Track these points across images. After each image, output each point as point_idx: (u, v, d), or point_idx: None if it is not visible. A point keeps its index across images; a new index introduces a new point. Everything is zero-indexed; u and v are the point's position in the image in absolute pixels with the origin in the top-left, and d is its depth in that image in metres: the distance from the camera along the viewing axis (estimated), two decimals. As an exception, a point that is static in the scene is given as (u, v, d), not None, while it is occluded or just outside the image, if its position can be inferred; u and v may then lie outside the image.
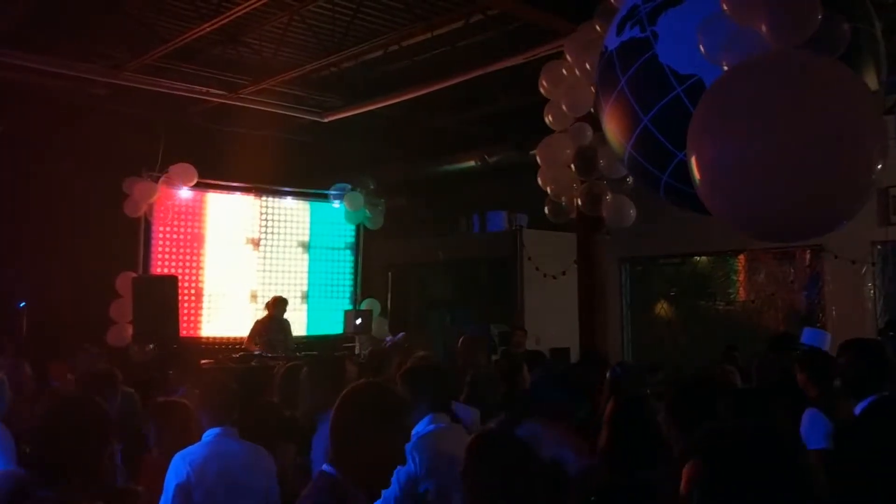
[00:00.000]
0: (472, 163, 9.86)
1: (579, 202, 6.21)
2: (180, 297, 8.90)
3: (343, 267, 11.18)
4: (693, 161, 2.99)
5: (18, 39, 7.24)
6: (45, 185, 8.75)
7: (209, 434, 3.38)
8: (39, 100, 8.52)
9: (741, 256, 9.46)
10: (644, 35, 3.78)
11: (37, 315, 7.75)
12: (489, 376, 4.64)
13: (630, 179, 5.94)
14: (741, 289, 9.59)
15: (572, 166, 6.18)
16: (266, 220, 10.57)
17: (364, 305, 10.71)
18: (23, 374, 4.62)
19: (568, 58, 5.78)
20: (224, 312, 10.04)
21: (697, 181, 2.99)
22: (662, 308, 10.33)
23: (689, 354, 9.25)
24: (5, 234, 8.42)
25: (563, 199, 6.45)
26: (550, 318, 9.16)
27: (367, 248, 11.32)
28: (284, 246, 10.69)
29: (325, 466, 2.20)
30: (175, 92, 8.37)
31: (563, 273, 8.81)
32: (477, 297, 10.54)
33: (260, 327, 8.72)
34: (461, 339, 6.72)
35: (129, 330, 8.77)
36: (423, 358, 4.95)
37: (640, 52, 3.81)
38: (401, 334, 8.55)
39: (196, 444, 3.35)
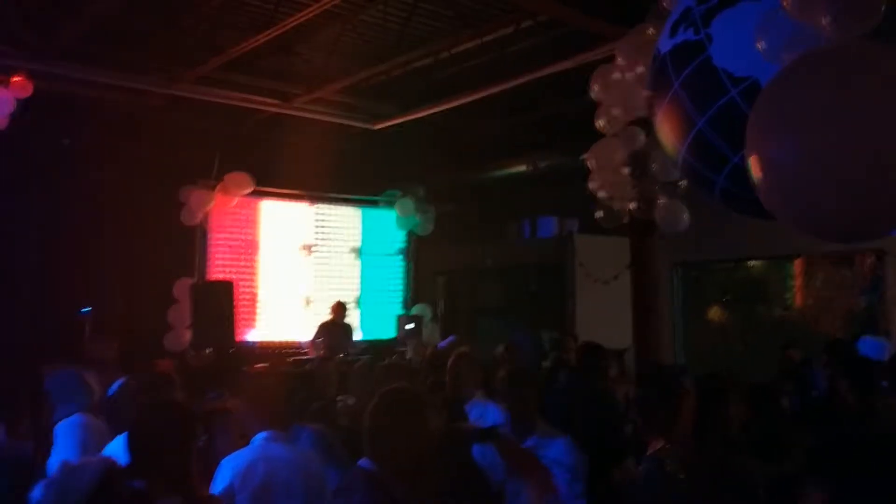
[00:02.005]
0: (522, 168, 9.86)
1: (632, 207, 6.17)
2: (235, 303, 9.08)
3: (394, 272, 11.28)
4: (752, 162, 2.95)
5: (81, 54, 7.49)
6: (106, 195, 9.01)
7: (256, 439, 3.44)
8: (100, 112, 8.78)
9: (798, 261, 9.27)
10: (698, 37, 3.74)
11: (99, 320, 7.97)
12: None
13: (683, 183, 5.88)
14: (798, 294, 9.40)
15: (624, 170, 6.14)
16: (319, 226, 10.72)
17: (415, 311, 10.78)
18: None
19: (619, 61, 5.74)
20: (278, 318, 10.20)
21: (756, 182, 2.95)
22: (716, 314, 10.18)
23: (745, 361, 9.09)
24: (70, 242, 8.70)
25: (615, 203, 6.41)
26: (602, 323, 9.08)
27: (418, 253, 11.40)
28: (337, 252, 10.83)
29: (360, 462, 2.43)
30: (230, 102, 8.55)
31: (615, 278, 8.74)
32: (527, 304, 10.53)
33: (323, 331, 8.90)
34: (503, 347, 6.75)
35: (187, 335, 8.98)
36: (465, 353, 4.96)
37: (694, 55, 3.78)
38: (451, 338, 8.59)
39: (243, 449, 3.40)
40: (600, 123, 6.34)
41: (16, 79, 7.36)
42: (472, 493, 2.51)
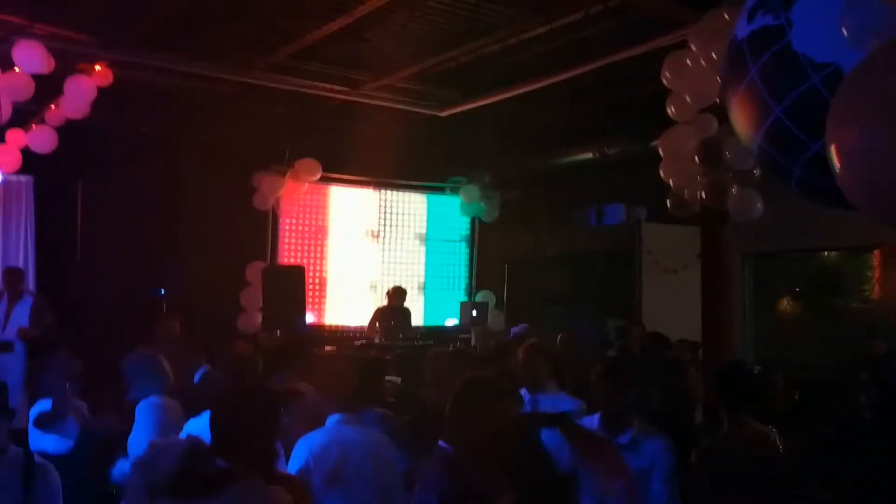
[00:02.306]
0: (589, 155, 9.76)
1: (703, 195, 6.07)
2: (305, 287, 9.26)
3: (458, 259, 11.33)
4: (833, 151, 2.88)
5: (158, 43, 7.70)
6: (181, 181, 9.30)
7: (330, 420, 3.52)
8: (175, 100, 9.03)
9: (876, 252, 8.97)
10: (777, 23, 3.65)
11: (174, 303, 8.25)
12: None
13: (757, 171, 5.76)
14: (876, 286, 9.10)
15: (696, 158, 6.04)
16: (385, 212, 10.84)
17: (479, 297, 10.82)
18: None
19: (692, 47, 5.65)
20: (345, 302, 10.37)
21: (838, 172, 2.87)
22: (787, 306, 9.93)
23: (819, 354, 8.86)
24: (148, 226, 9.02)
25: (687, 192, 6.32)
26: (669, 313, 8.97)
27: (482, 240, 11.42)
28: (402, 238, 10.93)
29: (440, 443, 2.53)
30: (300, 89, 8.69)
31: (685, 267, 8.61)
32: (593, 292, 10.45)
33: (379, 315, 9.00)
34: (560, 336, 6.72)
35: (258, 317, 9.21)
36: (535, 343, 4.95)
37: (773, 41, 3.68)
38: (523, 325, 8.59)
39: (317, 430, 3.48)
40: (671, 110, 6.25)
41: (97, 68, 7.62)
42: (540, 478, 2.53)
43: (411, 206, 11.05)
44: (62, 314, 8.69)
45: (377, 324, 9.01)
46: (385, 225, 10.85)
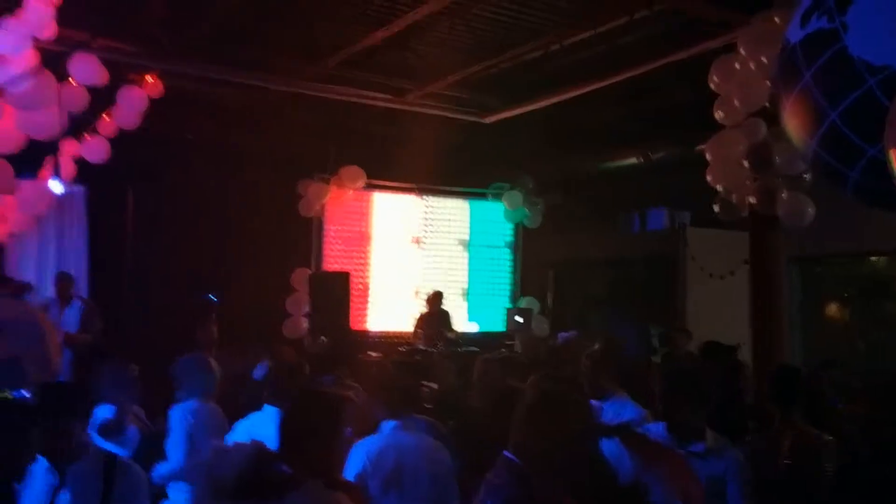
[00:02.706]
0: (633, 160, 9.71)
1: (752, 200, 6.02)
2: (350, 293, 9.35)
3: (502, 265, 11.33)
4: (892, 154, 2.85)
5: (206, 53, 7.85)
6: (229, 189, 9.45)
7: (386, 426, 3.55)
8: (223, 108, 9.19)
9: (929, 256, 8.78)
10: (832, 26, 3.61)
11: (225, 308, 8.39)
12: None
13: (808, 176, 5.69)
14: (930, 291, 8.91)
15: (745, 163, 5.99)
16: (428, 218, 10.89)
17: (523, 303, 10.80)
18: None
19: (741, 51, 5.61)
20: (389, 308, 10.44)
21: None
22: (836, 310, 9.76)
23: (870, 360, 8.70)
24: (198, 233, 9.19)
25: (735, 196, 6.27)
26: (715, 319, 8.87)
27: (526, 246, 11.40)
28: (445, 244, 10.97)
29: (505, 453, 2.47)
30: (346, 98, 8.79)
31: (732, 273, 8.51)
32: (637, 297, 10.38)
33: (422, 321, 9.07)
34: (601, 341, 6.65)
35: (304, 322, 9.32)
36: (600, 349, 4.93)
37: (828, 44, 3.64)
38: (572, 332, 8.56)
39: (374, 435, 3.52)
40: (719, 115, 6.21)
41: (149, 79, 7.80)
42: (602, 489, 2.53)
43: (454, 213, 11.08)
44: (115, 320, 8.92)
45: (420, 330, 9.10)
46: (428, 231, 10.90)
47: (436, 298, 9.32)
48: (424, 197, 10.87)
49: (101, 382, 4.14)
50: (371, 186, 10.31)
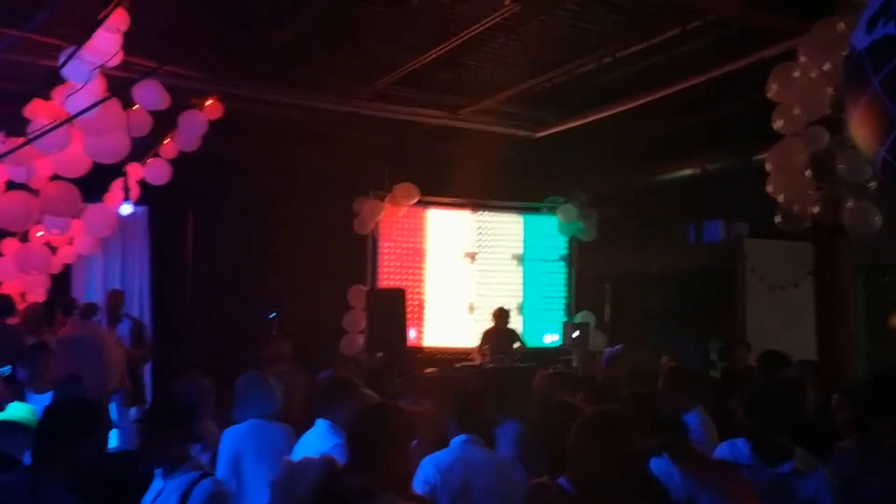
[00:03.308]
0: (689, 171, 9.60)
1: (815, 210, 5.90)
2: (406, 309, 9.41)
3: (557, 279, 11.27)
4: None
5: (263, 76, 8.02)
6: (285, 208, 9.62)
7: (456, 441, 3.57)
8: (279, 129, 9.36)
9: None
10: (901, 32, 3.54)
11: (284, 325, 8.52)
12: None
13: (873, 184, 5.56)
14: None
15: (807, 172, 5.88)
16: (482, 233, 10.91)
17: (579, 318, 10.73)
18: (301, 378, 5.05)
19: (801, 59, 5.52)
20: (444, 323, 10.47)
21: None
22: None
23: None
24: (257, 251, 9.38)
25: (797, 206, 6.15)
26: (776, 331, 8.69)
27: (580, 259, 11.34)
28: (499, 259, 10.97)
29: (560, 480, 2.46)
30: (400, 116, 8.88)
31: (796, 284, 8.34)
32: (694, 310, 10.23)
33: (487, 337, 9.10)
34: (667, 356, 6.55)
35: (360, 339, 9.40)
36: (675, 367, 4.87)
37: (896, 51, 3.57)
38: (618, 346, 8.49)
39: (444, 450, 3.54)
40: (779, 124, 6.11)
41: (208, 102, 7.99)
42: None
43: (508, 227, 11.08)
44: (176, 337, 9.14)
45: (485, 346, 9.11)
46: (482, 246, 10.91)
47: (501, 314, 9.34)
48: (478, 212, 10.89)
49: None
50: (424, 203, 10.37)
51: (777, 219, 6.41)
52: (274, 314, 8.35)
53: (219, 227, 9.54)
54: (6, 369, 5.76)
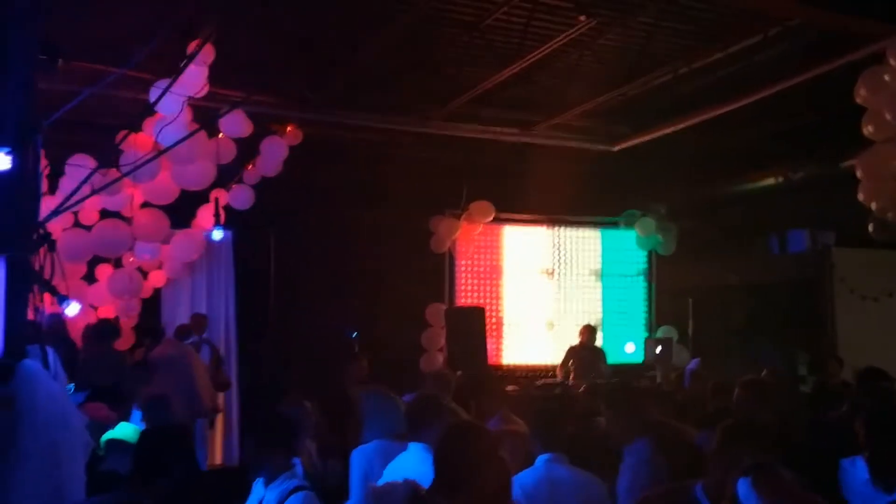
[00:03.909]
0: (772, 180, 9.36)
1: (911, 217, 5.68)
2: (486, 327, 9.43)
3: (636, 294, 11.11)
4: None
5: (342, 100, 8.19)
6: (364, 228, 9.76)
7: (540, 459, 3.54)
8: (357, 151, 9.54)
9: None
10: None
11: (365, 344, 8.64)
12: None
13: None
14: None
15: (901, 179, 5.68)
16: (559, 249, 10.85)
17: (660, 333, 10.55)
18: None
19: (891, 61, 5.34)
20: (522, 341, 10.43)
21: None
22: None
23: None
24: (337, 272, 9.54)
25: (891, 214, 5.93)
26: (868, 344, 8.38)
27: (660, 273, 11.16)
28: (577, 275, 10.89)
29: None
30: (473, 135, 8.94)
31: (890, 294, 8.03)
32: (780, 323, 9.94)
33: (570, 355, 9.03)
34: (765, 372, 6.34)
35: (440, 357, 9.45)
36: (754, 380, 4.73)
37: None
38: (695, 361, 8.31)
39: (528, 469, 3.51)
40: (868, 129, 5.93)
41: (288, 128, 8.21)
42: None
43: (585, 242, 10.99)
44: (260, 358, 9.36)
45: (569, 362, 9.04)
46: (560, 262, 10.85)
47: (588, 331, 9.27)
48: (555, 228, 10.84)
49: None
50: (501, 220, 10.39)
51: (870, 227, 6.20)
52: (356, 333, 8.47)
53: (299, 249, 9.75)
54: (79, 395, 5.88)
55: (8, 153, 3.04)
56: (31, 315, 3.33)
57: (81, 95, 3.69)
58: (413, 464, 3.67)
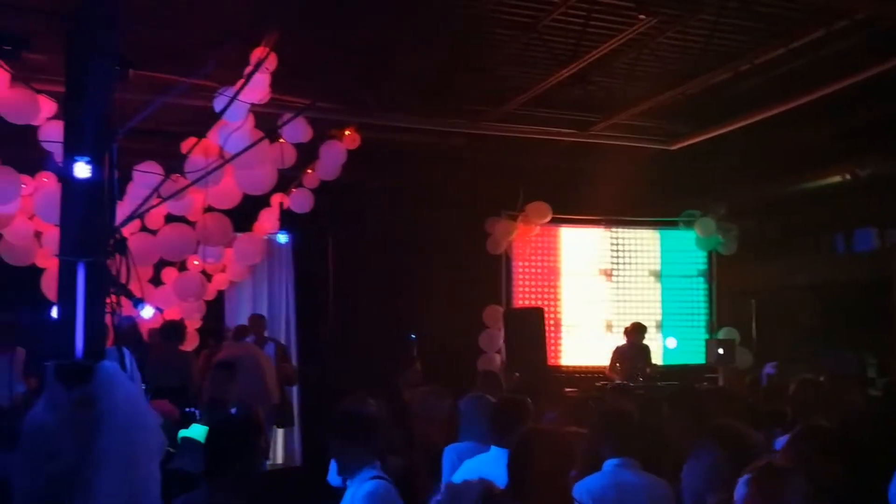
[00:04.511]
0: (838, 178, 9.12)
1: None
2: (545, 328, 9.41)
3: (696, 295, 10.94)
4: None
5: (397, 105, 8.26)
6: (419, 231, 9.83)
7: (608, 464, 3.52)
8: (412, 154, 9.60)
9: None
10: None
11: (424, 346, 8.70)
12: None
13: None
14: None
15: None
16: (617, 250, 10.76)
17: (721, 334, 10.38)
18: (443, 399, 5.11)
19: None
20: (580, 342, 10.38)
21: None
22: None
23: None
24: (395, 274, 9.63)
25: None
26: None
27: (720, 274, 10.97)
28: (636, 276, 10.78)
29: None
30: (529, 136, 8.92)
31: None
32: (847, 324, 9.69)
33: (619, 355, 8.93)
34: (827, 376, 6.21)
35: (497, 359, 9.46)
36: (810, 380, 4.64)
37: None
38: (771, 364, 8.15)
39: (596, 474, 3.49)
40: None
41: (347, 132, 8.30)
42: None
43: (644, 243, 10.87)
44: (320, 359, 9.49)
45: (617, 364, 8.94)
46: (618, 263, 10.75)
47: (634, 331, 9.15)
48: (612, 228, 10.75)
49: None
50: (557, 221, 10.35)
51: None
52: (413, 336, 8.54)
53: (357, 252, 9.87)
54: None
55: (87, 162, 3.15)
56: (108, 318, 3.44)
57: (154, 104, 3.80)
58: (489, 465, 3.72)
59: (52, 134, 6.05)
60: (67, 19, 3.27)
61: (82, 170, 3.16)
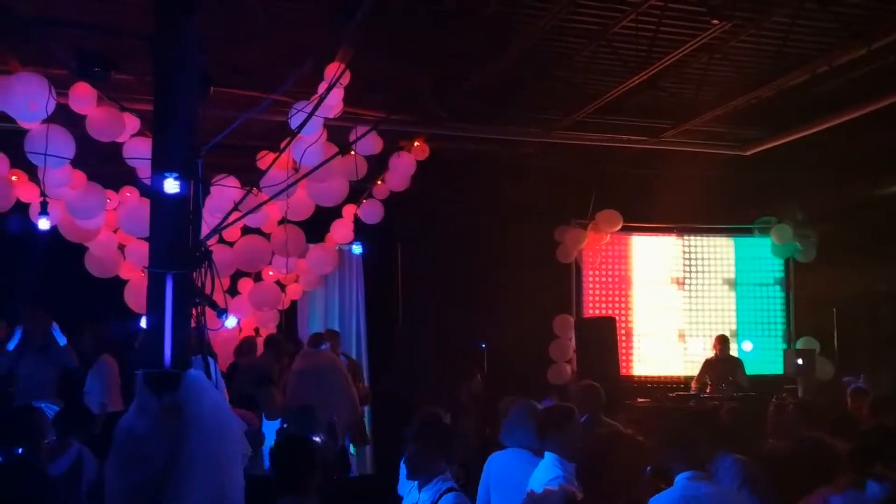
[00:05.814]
0: (920, 181, 8.79)
1: None
2: (618, 338, 9.31)
3: (773, 304, 10.67)
4: None
5: (466, 115, 8.29)
6: (488, 240, 9.84)
7: (680, 478, 3.45)
8: (480, 163, 9.62)
9: None
10: None
11: (494, 355, 8.69)
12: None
13: None
14: None
15: None
16: (689, 258, 10.58)
17: (800, 344, 10.08)
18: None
19: None
20: (653, 352, 10.22)
21: None
22: None
23: None
24: (464, 284, 9.66)
25: None
26: None
27: (798, 282, 10.67)
28: (709, 284, 10.58)
29: None
30: (599, 143, 8.85)
31: None
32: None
33: (706, 367, 8.80)
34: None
35: (567, 368, 9.39)
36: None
37: None
38: (852, 379, 7.87)
39: (668, 490, 3.43)
40: None
41: (416, 144, 8.39)
42: None
43: (718, 251, 10.66)
44: (389, 369, 9.58)
45: (705, 375, 8.80)
46: (690, 271, 10.57)
47: (719, 343, 9.00)
48: (684, 236, 10.58)
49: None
50: (628, 229, 10.24)
51: None
52: (484, 345, 8.55)
53: (426, 261, 9.93)
54: None
55: (176, 178, 3.26)
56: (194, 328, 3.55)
57: (238, 120, 3.91)
58: (542, 474, 3.71)
59: (136, 150, 6.30)
60: (156, 41, 3.39)
61: (171, 185, 3.27)
